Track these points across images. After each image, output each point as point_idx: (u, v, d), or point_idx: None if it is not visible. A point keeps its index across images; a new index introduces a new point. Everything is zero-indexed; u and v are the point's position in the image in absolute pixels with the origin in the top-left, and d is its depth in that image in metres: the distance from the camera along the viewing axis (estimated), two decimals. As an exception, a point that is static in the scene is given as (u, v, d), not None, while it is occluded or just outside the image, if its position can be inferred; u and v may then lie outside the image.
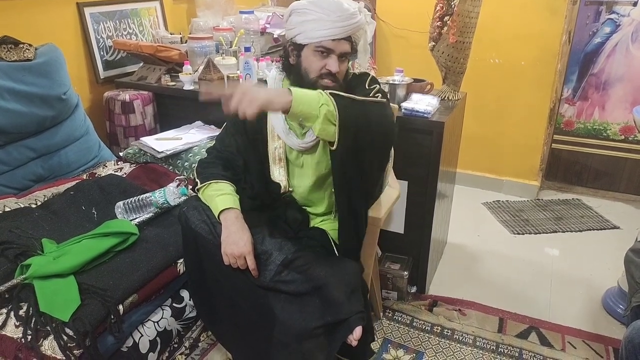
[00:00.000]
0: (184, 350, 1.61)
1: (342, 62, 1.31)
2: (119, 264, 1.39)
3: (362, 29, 1.33)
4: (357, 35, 1.33)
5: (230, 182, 1.39)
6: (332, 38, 1.26)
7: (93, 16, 2.28)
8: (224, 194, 1.34)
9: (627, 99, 2.76)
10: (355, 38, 1.33)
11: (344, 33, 1.27)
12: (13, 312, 1.23)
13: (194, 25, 2.65)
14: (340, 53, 1.29)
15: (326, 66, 1.28)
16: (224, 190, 1.36)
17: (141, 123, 2.25)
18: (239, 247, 1.23)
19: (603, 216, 2.73)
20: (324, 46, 1.28)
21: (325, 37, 1.26)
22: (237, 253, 1.22)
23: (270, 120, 1.41)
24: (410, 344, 1.80)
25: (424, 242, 1.96)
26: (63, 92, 1.92)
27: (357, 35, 1.33)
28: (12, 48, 1.83)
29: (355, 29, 1.29)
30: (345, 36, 1.28)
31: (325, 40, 1.27)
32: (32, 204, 1.69)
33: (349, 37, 1.29)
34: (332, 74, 1.29)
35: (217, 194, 1.34)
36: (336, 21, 1.25)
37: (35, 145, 1.85)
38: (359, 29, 1.30)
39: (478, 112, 2.81)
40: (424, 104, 1.80)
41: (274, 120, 1.41)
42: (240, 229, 1.26)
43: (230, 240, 1.24)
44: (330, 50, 1.28)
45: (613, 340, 1.80)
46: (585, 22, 2.70)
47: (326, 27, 1.25)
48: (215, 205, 1.32)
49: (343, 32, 1.26)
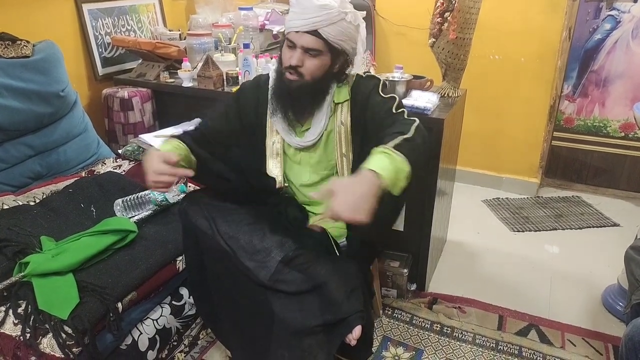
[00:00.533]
0: (183, 348, 1.61)
1: (309, 58, 1.28)
2: (117, 262, 1.38)
3: (333, 25, 1.25)
4: (327, 31, 1.25)
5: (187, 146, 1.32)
6: (295, 30, 1.25)
7: (91, 13, 2.26)
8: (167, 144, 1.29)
9: (628, 95, 2.75)
10: (328, 35, 1.25)
11: (306, 26, 1.24)
12: (12, 310, 1.23)
13: (193, 22, 2.64)
14: (303, 47, 1.26)
15: (289, 59, 1.28)
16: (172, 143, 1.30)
17: (140, 120, 2.24)
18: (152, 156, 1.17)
19: (603, 213, 2.73)
20: (288, 38, 1.29)
21: (291, 29, 1.27)
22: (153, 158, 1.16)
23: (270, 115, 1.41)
24: (409, 341, 1.79)
25: (423, 240, 1.95)
26: (61, 89, 1.91)
27: (330, 33, 1.25)
28: (9, 45, 1.82)
29: (321, 24, 1.23)
30: (308, 30, 1.24)
31: (290, 32, 1.27)
32: (30, 202, 1.69)
33: (315, 32, 1.24)
34: (293, 67, 1.28)
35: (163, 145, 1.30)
36: (299, 13, 1.25)
37: (33, 142, 1.84)
38: (328, 23, 1.24)
39: (478, 109, 2.80)
40: (423, 100, 1.80)
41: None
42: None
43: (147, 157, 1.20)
44: (293, 42, 1.27)
45: (613, 338, 1.80)
46: (586, 18, 2.69)
47: (292, 18, 1.26)
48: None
49: (305, 24, 1.24)
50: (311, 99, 1.35)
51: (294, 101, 1.34)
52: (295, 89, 1.31)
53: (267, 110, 1.41)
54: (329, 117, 1.38)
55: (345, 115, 1.38)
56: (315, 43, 1.26)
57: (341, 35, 1.28)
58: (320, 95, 1.36)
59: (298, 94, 1.31)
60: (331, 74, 1.34)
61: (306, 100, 1.34)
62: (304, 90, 1.31)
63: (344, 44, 1.30)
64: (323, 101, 1.37)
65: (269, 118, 1.42)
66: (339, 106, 1.39)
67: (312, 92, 1.33)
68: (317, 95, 1.35)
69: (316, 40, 1.26)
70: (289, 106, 1.35)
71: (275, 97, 1.37)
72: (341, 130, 1.38)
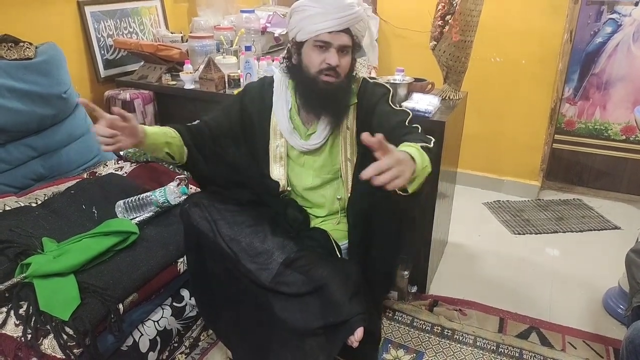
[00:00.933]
0: (184, 350, 1.61)
1: (343, 56, 1.30)
2: (119, 263, 1.38)
3: (361, 21, 1.30)
4: (356, 28, 1.30)
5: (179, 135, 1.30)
6: (329, 30, 1.25)
7: (94, 15, 2.27)
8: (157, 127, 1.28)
9: (629, 99, 2.75)
10: (355, 31, 1.30)
11: (341, 25, 1.25)
12: (13, 311, 1.23)
13: (195, 24, 2.65)
14: (339, 46, 1.28)
15: (325, 60, 1.28)
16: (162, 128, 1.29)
17: (142, 122, 2.24)
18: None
19: (604, 216, 2.73)
20: (321, 40, 1.27)
21: (322, 30, 1.26)
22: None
23: (274, 117, 1.41)
24: (410, 344, 1.79)
25: (424, 242, 1.95)
26: (63, 91, 1.92)
27: (357, 28, 1.30)
28: (12, 47, 1.82)
29: (353, 21, 1.27)
30: (343, 28, 1.26)
31: (323, 33, 1.26)
32: (32, 203, 1.69)
33: (347, 30, 1.27)
34: (332, 68, 1.28)
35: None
36: (332, 13, 1.24)
37: (35, 144, 1.85)
38: (358, 20, 1.28)
39: (479, 112, 2.80)
40: (424, 103, 1.80)
41: (279, 118, 1.40)
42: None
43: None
44: (329, 43, 1.27)
45: (613, 341, 1.80)
46: (587, 21, 2.69)
47: (323, 20, 1.25)
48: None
49: (340, 23, 1.25)
50: (344, 99, 1.36)
51: (333, 103, 1.33)
52: (334, 90, 1.31)
53: (270, 112, 1.41)
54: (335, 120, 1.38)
55: (351, 119, 1.38)
56: (349, 40, 1.29)
57: (363, 31, 1.32)
58: (350, 93, 1.37)
59: (340, 95, 1.32)
60: (352, 69, 1.37)
61: (345, 100, 1.35)
62: (342, 89, 1.33)
63: (362, 39, 1.34)
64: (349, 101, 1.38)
65: (273, 120, 1.42)
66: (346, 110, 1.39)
67: (348, 89, 1.35)
68: (348, 94, 1.37)
69: (349, 38, 1.29)
70: (326, 109, 1.34)
71: (308, 101, 1.35)
72: (347, 134, 1.38)
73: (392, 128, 1.29)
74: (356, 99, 1.39)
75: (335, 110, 1.35)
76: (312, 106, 1.35)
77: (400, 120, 1.31)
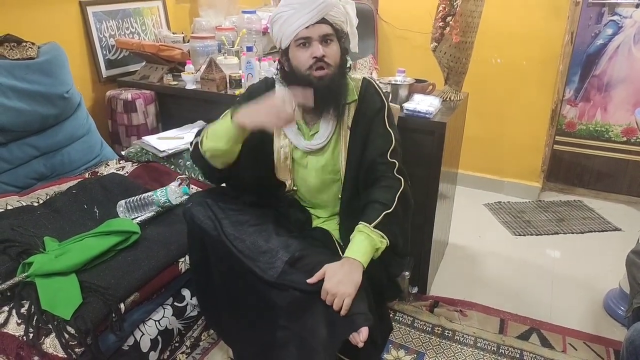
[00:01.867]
0: (185, 350, 1.61)
1: (327, 46, 1.29)
2: (120, 263, 1.39)
3: (335, 7, 1.29)
4: (332, 15, 1.29)
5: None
6: (305, 25, 1.26)
7: (96, 15, 2.28)
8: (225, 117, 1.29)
9: (629, 100, 2.75)
10: (332, 18, 1.29)
11: (315, 16, 1.25)
12: (15, 310, 1.24)
13: (196, 25, 2.65)
14: (320, 36, 1.28)
15: (311, 54, 1.28)
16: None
17: (143, 122, 2.25)
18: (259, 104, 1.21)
19: (605, 218, 2.73)
20: (301, 37, 1.28)
21: (299, 28, 1.27)
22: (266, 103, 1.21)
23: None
24: (411, 344, 1.80)
25: (425, 243, 1.96)
26: (65, 91, 1.92)
27: (333, 15, 1.29)
28: (15, 46, 1.83)
29: (326, 9, 1.26)
30: (318, 19, 1.26)
31: (301, 30, 1.27)
32: (34, 202, 1.70)
33: (324, 19, 1.27)
34: (320, 60, 1.28)
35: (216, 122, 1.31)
36: (304, 9, 1.25)
37: (37, 143, 1.85)
38: (331, 7, 1.27)
39: (480, 113, 2.80)
40: (425, 104, 1.80)
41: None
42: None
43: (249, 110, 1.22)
44: (309, 37, 1.27)
45: (614, 342, 1.80)
46: (588, 23, 2.69)
47: (297, 18, 1.26)
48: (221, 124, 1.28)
49: (313, 16, 1.25)
50: (341, 90, 1.35)
51: (330, 97, 1.33)
52: (328, 83, 1.30)
53: None
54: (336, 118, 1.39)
55: (350, 119, 1.39)
56: (329, 29, 1.29)
57: (341, 17, 1.31)
58: (346, 84, 1.37)
59: (334, 86, 1.31)
60: (343, 59, 1.36)
61: (340, 93, 1.35)
62: (336, 81, 1.32)
63: (343, 25, 1.32)
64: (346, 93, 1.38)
65: None
66: (346, 107, 1.39)
67: (341, 82, 1.34)
68: (344, 85, 1.36)
69: (327, 26, 1.29)
70: (325, 105, 1.34)
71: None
72: (347, 134, 1.38)
73: (374, 160, 1.36)
74: (356, 97, 1.39)
75: (334, 103, 1.35)
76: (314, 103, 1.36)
77: (383, 153, 1.36)
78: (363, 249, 1.23)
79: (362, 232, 1.25)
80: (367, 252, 1.23)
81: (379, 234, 1.25)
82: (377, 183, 1.34)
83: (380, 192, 1.32)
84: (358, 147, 1.37)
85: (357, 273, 1.19)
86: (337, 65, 1.32)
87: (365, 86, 1.41)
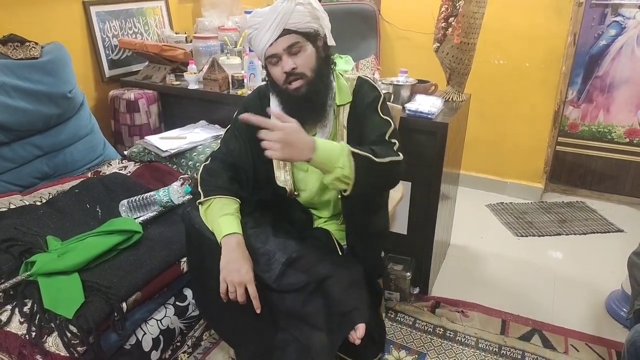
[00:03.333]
0: (187, 349, 1.61)
1: (296, 56, 1.27)
2: (122, 262, 1.39)
3: (293, 13, 1.25)
4: (292, 23, 1.25)
5: (235, 197, 1.34)
6: (269, 43, 1.25)
7: (99, 15, 2.29)
8: (227, 215, 1.28)
9: (632, 101, 2.75)
10: (295, 26, 1.26)
11: (275, 32, 1.24)
12: (17, 309, 1.25)
13: (199, 25, 2.66)
14: (285, 50, 1.26)
15: (282, 70, 1.27)
16: (229, 209, 1.30)
17: (146, 122, 2.26)
18: (241, 275, 1.18)
19: (607, 219, 2.72)
20: (269, 55, 1.28)
21: (264, 47, 1.27)
22: (238, 281, 1.18)
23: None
24: (412, 345, 1.80)
25: (427, 244, 1.96)
26: (69, 90, 1.93)
27: (294, 22, 1.25)
28: (18, 46, 1.84)
29: (283, 20, 1.24)
30: (279, 33, 1.24)
31: (266, 49, 1.27)
32: (37, 202, 1.70)
33: (286, 30, 1.25)
34: (291, 73, 1.27)
35: (220, 213, 1.28)
36: (263, 27, 1.25)
37: (40, 143, 1.86)
38: (288, 16, 1.24)
39: (482, 114, 2.80)
40: (427, 105, 1.80)
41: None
42: (242, 257, 1.22)
43: (231, 267, 1.20)
44: (275, 54, 1.27)
45: (616, 344, 1.80)
46: (591, 24, 2.69)
47: (261, 37, 1.26)
48: (218, 227, 1.26)
49: (273, 32, 1.24)
50: (325, 93, 1.33)
51: (311, 105, 1.32)
52: (305, 92, 1.29)
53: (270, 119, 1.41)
54: (332, 120, 1.39)
55: (346, 117, 1.38)
56: (291, 38, 1.26)
57: (304, 18, 1.27)
58: (329, 84, 1.35)
59: (310, 95, 1.30)
60: (322, 59, 1.33)
61: (323, 97, 1.33)
62: (314, 87, 1.30)
63: (311, 24, 1.28)
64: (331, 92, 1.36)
65: None
66: (341, 109, 1.39)
67: (322, 86, 1.32)
68: (327, 86, 1.35)
69: (290, 36, 1.26)
70: (309, 113, 1.33)
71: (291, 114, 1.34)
72: (344, 134, 1.38)
73: (371, 141, 1.31)
74: (350, 98, 1.39)
75: (315, 114, 1.34)
76: (293, 116, 1.36)
77: (381, 134, 1.32)
78: (330, 147, 1.15)
79: (341, 144, 1.17)
80: (328, 151, 1.14)
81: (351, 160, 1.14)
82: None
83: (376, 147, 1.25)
84: (355, 142, 1.37)
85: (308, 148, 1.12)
86: (314, 70, 1.30)
87: (360, 85, 1.40)
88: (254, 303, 1.20)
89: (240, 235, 1.25)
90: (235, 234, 1.24)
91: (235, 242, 1.23)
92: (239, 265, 1.20)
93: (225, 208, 1.30)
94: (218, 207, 1.30)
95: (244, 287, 1.19)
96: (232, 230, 1.25)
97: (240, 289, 1.19)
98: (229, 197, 1.33)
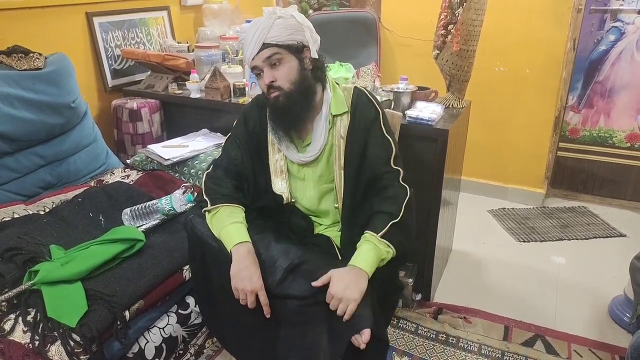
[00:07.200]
0: (189, 357, 1.61)
1: (275, 69, 1.30)
2: (125, 270, 1.40)
3: (272, 27, 1.27)
4: (273, 36, 1.28)
5: (242, 206, 1.37)
6: (251, 57, 1.30)
7: (102, 26, 2.31)
8: (236, 223, 1.30)
9: (633, 106, 2.75)
10: (276, 39, 1.28)
11: (256, 47, 1.28)
12: (21, 318, 1.25)
13: (201, 34, 2.68)
14: (265, 62, 1.29)
15: (264, 82, 1.32)
16: (237, 217, 1.32)
17: (148, 131, 2.27)
18: (252, 282, 1.21)
19: (609, 224, 2.72)
20: (253, 67, 1.33)
21: (248, 60, 1.33)
22: (250, 289, 1.21)
23: (270, 133, 1.42)
24: (415, 351, 1.79)
25: (428, 250, 1.96)
26: (72, 100, 1.94)
27: (273, 35, 1.28)
28: (22, 57, 1.86)
29: (262, 34, 1.27)
30: (260, 47, 1.28)
31: (250, 62, 1.33)
32: (40, 211, 1.71)
33: (263, 45, 1.28)
34: (271, 86, 1.31)
35: (229, 221, 1.30)
36: (247, 42, 1.30)
37: (44, 152, 1.88)
38: (267, 30, 1.27)
39: (483, 120, 2.81)
40: (428, 111, 1.81)
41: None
42: (252, 264, 1.24)
43: (243, 275, 1.22)
44: (257, 67, 1.32)
45: (619, 349, 1.79)
46: (590, 29, 2.70)
47: (246, 52, 1.32)
48: (228, 236, 1.28)
49: (254, 46, 1.28)
50: (302, 104, 1.34)
51: (288, 115, 1.34)
52: (283, 103, 1.32)
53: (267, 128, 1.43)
54: (327, 130, 1.39)
55: (344, 129, 1.39)
56: (270, 51, 1.29)
57: (285, 31, 1.29)
58: (310, 97, 1.36)
59: (288, 105, 1.32)
60: (305, 72, 1.34)
61: (299, 108, 1.34)
62: (292, 99, 1.32)
63: (294, 36, 1.30)
64: (314, 104, 1.37)
65: (270, 136, 1.43)
66: (338, 119, 1.39)
67: (300, 97, 1.33)
68: (307, 98, 1.35)
69: (269, 49, 1.29)
70: (288, 122, 1.36)
71: (274, 123, 1.39)
72: (340, 144, 1.39)
73: (377, 169, 1.36)
74: (347, 108, 1.40)
75: (294, 122, 1.37)
76: (276, 124, 1.39)
77: (386, 161, 1.36)
78: (369, 259, 1.23)
79: (369, 241, 1.25)
80: (373, 263, 1.23)
81: (386, 244, 1.25)
82: (382, 192, 1.34)
83: (386, 202, 1.32)
84: (356, 156, 1.37)
85: (362, 281, 1.19)
86: (294, 82, 1.31)
87: (357, 96, 1.41)
88: (264, 309, 1.23)
89: (251, 244, 1.28)
90: (246, 243, 1.27)
91: (246, 250, 1.26)
92: (250, 273, 1.22)
93: (233, 216, 1.32)
94: (226, 215, 1.32)
95: (255, 294, 1.21)
96: (243, 239, 1.27)
97: (252, 297, 1.21)
98: (235, 206, 1.35)
